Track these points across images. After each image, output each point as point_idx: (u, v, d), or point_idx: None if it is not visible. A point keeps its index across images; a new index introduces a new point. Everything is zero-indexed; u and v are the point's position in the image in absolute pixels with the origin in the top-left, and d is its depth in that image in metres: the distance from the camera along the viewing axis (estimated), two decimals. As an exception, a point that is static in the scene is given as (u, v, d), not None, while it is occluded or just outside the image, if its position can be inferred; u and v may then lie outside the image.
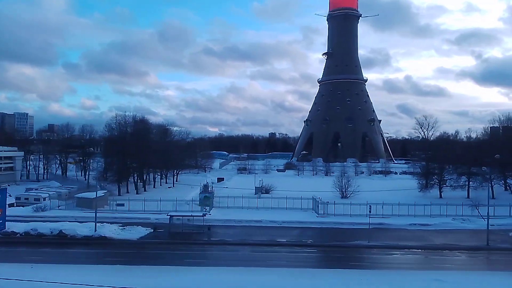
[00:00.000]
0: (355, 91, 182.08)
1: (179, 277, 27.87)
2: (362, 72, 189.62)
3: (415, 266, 34.34)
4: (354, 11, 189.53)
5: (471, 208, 54.08)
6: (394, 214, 54.36)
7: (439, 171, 75.61)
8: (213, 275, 28.80)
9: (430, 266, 34.02)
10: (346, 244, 41.57)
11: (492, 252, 40.20)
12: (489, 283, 27.66)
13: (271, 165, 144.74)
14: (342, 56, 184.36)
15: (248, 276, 28.09)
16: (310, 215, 55.19)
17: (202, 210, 55.99)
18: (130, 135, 79.26)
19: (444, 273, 30.30)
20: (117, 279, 26.68)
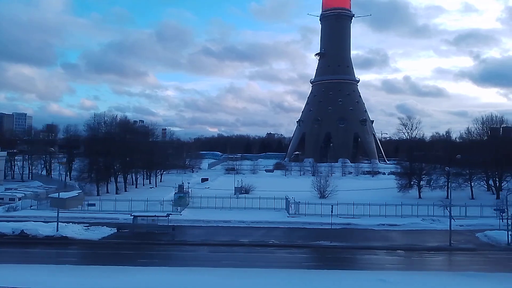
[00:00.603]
0: (347, 91, 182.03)
1: (121, 277, 27.84)
2: (355, 72, 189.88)
3: (367, 266, 34.23)
4: (347, 11, 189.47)
5: (443, 208, 53.99)
6: (366, 214, 54.41)
7: (418, 172, 75.62)
8: (153, 275, 28.74)
9: (381, 266, 33.98)
10: (308, 244, 41.53)
11: (452, 252, 40.18)
12: (431, 283, 27.58)
13: (260, 165, 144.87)
14: (334, 56, 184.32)
15: (189, 276, 28.08)
16: (281, 215, 55.14)
17: (174, 211, 56.27)
18: (109, 135, 79.29)
19: (390, 273, 30.32)
20: (59, 279, 26.88)
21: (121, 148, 76.94)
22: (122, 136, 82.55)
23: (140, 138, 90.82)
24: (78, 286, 25.25)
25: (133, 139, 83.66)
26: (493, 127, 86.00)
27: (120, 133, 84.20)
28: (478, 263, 36.17)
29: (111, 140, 75.82)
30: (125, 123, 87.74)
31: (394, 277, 28.77)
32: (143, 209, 53.93)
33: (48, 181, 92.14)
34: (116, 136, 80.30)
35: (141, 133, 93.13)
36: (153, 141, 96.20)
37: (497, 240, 43.63)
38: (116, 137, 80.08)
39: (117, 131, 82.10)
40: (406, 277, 29.16)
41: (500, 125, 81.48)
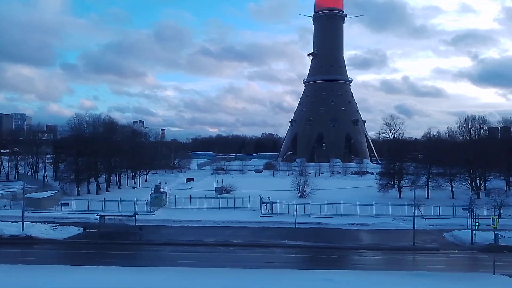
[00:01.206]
0: (339, 91, 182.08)
1: (72, 276, 27.94)
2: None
3: (323, 265, 34.26)
4: (339, 11, 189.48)
5: (415, 208, 54.07)
6: (339, 214, 54.60)
7: (398, 171, 75.77)
8: (107, 274, 28.88)
9: (337, 266, 34.12)
10: (272, 243, 41.69)
11: (413, 252, 40.34)
12: (376, 281, 27.69)
13: (251, 165, 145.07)
14: (327, 56, 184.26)
15: (140, 276, 28.20)
16: (254, 215, 55.24)
17: (148, 211, 56.50)
18: (91, 135, 79.52)
19: (340, 272, 30.49)
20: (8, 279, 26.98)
21: (103, 148, 77.14)
22: (105, 136, 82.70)
23: (125, 138, 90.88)
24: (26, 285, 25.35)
25: (116, 139, 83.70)
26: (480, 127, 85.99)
27: (104, 133, 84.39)
28: (436, 263, 36.35)
29: (91, 140, 75.92)
30: (109, 123, 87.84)
31: (341, 277, 28.89)
32: (116, 209, 54.04)
33: (32, 182, 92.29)
34: (98, 136, 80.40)
35: (126, 133, 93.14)
36: (138, 141, 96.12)
37: (462, 239, 43.77)
38: (99, 137, 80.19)
39: (100, 131, 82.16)
40: (354, 276, 29.28)
41: (483, 125, 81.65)
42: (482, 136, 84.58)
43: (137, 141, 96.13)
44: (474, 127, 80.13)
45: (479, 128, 79.69)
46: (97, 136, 78.73)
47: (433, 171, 76.16)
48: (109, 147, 78.16)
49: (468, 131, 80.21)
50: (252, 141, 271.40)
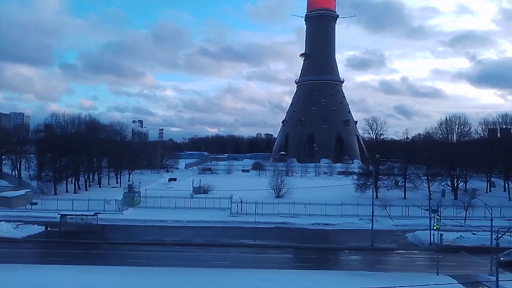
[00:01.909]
0: (330, 92, 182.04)
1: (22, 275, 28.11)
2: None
3: (274, 265, 34.24)
4: (331, 12, 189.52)
5: (381, 208, 54.34)
6: (307, 213, 54.79)
7: (375, 171, 75.77)
8: (54, 273, 29.04)
9: (287, 265, 34.20)
10: (229, 243, 41.90)
11: (369, 252, 40.42)
12: (314, 281, 27.85)
13: (239, 165, 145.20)
14: (319, 57, 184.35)
15: (86, 275, 28.40)
16: (223, 215, 55.42)
17: (116, 210, 56.70)
18: (72, 134, 79.75)
19: (280, 271, 30.63)
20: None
21: (80, 147, 77.31)
22: (84, 135, 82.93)
23: (107, 138, 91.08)
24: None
25: (96, 139, 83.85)
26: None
27: (83, 132, 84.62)
28: (386, 263, 36.63)
29: (68, 139, 76.11)
30: (89, 122, 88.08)
31: (281, 276, 29.07)
32: (85, 209, 54.22)
33: (14, 181, 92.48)
34: (76, 135, 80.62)
35: (109, 133, 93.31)
36: (121, 141, 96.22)
37: (421, 240, 43.95)
38: (77, 136, 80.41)
39: (79, 131, 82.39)
40: (294, 275, 29.44)
41: (465, 126, 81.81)
42: (463, 136, 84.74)
43: (120, 141, 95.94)
44: (453, 128, 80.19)
45: (459, 128, 79.73)
46: (76, 135, 78.82)
47: (411, 171, 76.34)
48: (87, 146, 78.19)
49: (449, 132, 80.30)
50: (246, 141, 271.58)
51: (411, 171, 76.38)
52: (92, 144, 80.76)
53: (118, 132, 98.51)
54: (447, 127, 79.99)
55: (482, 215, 56.21)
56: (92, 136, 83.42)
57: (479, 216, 56.18)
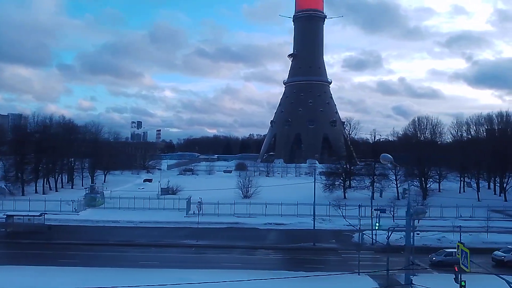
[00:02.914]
0: (317, 92, 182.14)
1: None
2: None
3: (198, 265, 34.33)
4: (319, 12, 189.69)
5: (335, 208, 54.43)
6: (263, 213, 54.91)
7: (343, 172, 75.99)
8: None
9: (215, 265, 34.21)
10: (171, 243, 42.07)
11: (307, 251, 40.49)
12: (228, 280, 27.90)
13: (223, 166, 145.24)
14: (306, 57, 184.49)
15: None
16: (179, 215, 55.43)
17: (73, 211, 56.83)
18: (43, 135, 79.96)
19: (198, 271, 30.79)
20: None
21: (53, 148, 77.53)
22: (57, 136, 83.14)
23: (82, 139, 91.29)
24: None
25: (67, 139, 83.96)
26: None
27: (58, 133, 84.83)
28: (316, 263, 36.61)
29: (38, 140, 76.35)
30: (62, 124, 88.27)
31: (199, 276, 29.09)
32: (42, 209, 54.30)
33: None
34: (49, 136, 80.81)
35: (82, 134, 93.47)
36: (94, 142, 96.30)
37: (365, 240, 43.90)
38: (50, 137, 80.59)
39: (52, 131, 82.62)
40: (209, 275, 29.46)
41: (437, 127, 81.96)
42: (435, 136, 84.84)
43: (93, 142, 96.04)
44: (422, 128, 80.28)
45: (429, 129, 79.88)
46: (46, 136, 78.99)
47: (380, 172, 76.41)
48: (58, 147, 78.38)
49: (417, 131, 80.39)
50: (238, 142, 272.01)
51: (380, 171, 76.35)
52: (63, 145, 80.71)
53: (94, 133, 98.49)
54: (415, 127, 79.99)
55: (438, 215, 56.72)
56: (64, 137, 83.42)
57: (436, 216, 56.53)
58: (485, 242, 41.80)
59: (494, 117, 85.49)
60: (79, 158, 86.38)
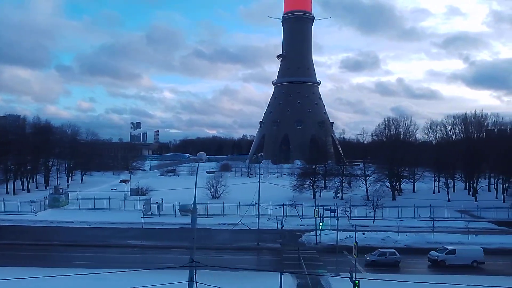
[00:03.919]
0: (306, 93, 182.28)
1: None
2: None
3: (132, 265, 34.28)
4: (307, 13, 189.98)
5: (291, 208, 54.48)
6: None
7: (312, 172, 76.07)
8: None
9: (144, 265, 34.13)
10: (115, 243, 42.15)
11: (251, 251, 40.50)
12: (142, 279, 27.88)
13: (207, 167, 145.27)
14: (295, 58, 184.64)
15: None
16: (135, 216, 55.16)
17: (31, 211, 56.96)
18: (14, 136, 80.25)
19: (125, 272, 30.56)
20: None
21: (25, 149, 77.82)
22: (33, 137, 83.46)
23: (56, 140, 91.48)
24: None
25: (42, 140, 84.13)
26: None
27: (33, 134, 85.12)
28: (251, 262, 36.58)
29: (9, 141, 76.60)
30: (37, 125, 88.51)
31: (119, 276, 29.03)
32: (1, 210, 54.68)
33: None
34: (22, 137, 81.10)
35: (58, 135, 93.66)
36: (71, 143, 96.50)
37: (310, 240, 44.04)
38: (23, 139, 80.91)
39: (25, 132, 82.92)
40: (130, 276, 29.35)
41: (398, 128, 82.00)
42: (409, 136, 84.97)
43: (72, 142, 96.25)
44: (393, 128, 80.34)
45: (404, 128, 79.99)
46: (18, 137, 79.28)
47: (348, 171, 76.50)
48: (31, 148, 78.67)
49: (390, 132, 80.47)
50: (230, 143, 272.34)
51: (349, 171, 76.45)
52: (37, 146, 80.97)
53: (70, 134, 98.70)
54: (386, 127, 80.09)
55: (396, 215, 56.75)
56: (37, 138, 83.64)
57: (394, 216, 56.55)
58: (429, 242, 41.77)
59: (467, 117, 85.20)
60: (55, 159, 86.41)
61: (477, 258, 35.44)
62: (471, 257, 35.49)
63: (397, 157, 74.58)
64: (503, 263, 37.47)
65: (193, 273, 14.39)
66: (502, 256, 39.72)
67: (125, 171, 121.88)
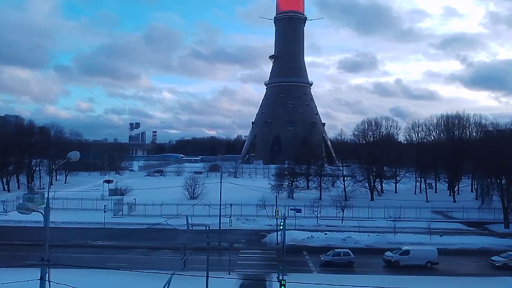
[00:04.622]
0: (297, 94, 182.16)
1: None
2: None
3: (83, 265, 34.34)
4: (300, 14, 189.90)
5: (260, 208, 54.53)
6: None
7: (290, 172, 76.14)
8: None
9: (96, 265, 34.10)
10: (76, 243, 41.91)
11: (197, 251, 40.20)
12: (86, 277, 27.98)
13: (196, 167, 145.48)
14: (287, 59, 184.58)
15: None
16: (107, 216, 55.30)
17: (2, 211, 57.09)
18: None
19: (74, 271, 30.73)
20: None
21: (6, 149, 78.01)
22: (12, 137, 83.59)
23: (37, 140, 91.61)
24: None
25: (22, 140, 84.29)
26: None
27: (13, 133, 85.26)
28: (203, 262, 36.43)
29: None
30: (17, 125, 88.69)
31: (61, 274, 29.04)
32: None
33: None
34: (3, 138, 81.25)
35: (40, 135, 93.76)
36: (55, 143, 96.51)
37: (272, 240, 44.06)
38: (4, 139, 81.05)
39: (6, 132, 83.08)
40: (71, 275, 29.39)
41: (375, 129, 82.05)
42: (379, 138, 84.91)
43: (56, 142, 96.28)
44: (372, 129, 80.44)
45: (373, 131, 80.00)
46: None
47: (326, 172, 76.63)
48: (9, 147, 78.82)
49: (365, 134, 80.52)
50: (225, 143, 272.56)
51: (326, 172, 76.52)
52: (18, 145, 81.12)
53: (53, 134, 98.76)
54: (365, 128, 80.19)
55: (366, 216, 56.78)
56: (17, 137, 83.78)
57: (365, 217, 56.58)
58: (390, 242, 41.71)
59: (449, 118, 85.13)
60: (38, 159, 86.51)
61: (431, 259, 35.40)
62: (425, 258, 35.45)
63: (375, 158, 74.61)
64: (458, 263, 37.50)
65: (45, 271, 14.29)
66: (460, 256, 39.79)
67: (112, 172, 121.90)
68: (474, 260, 38.61)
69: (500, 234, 50.02)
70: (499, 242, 44.07)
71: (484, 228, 54.16)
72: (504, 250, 39.45)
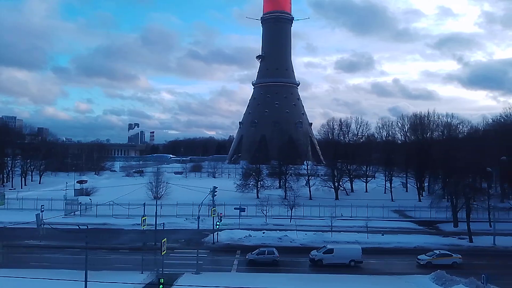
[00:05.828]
0: (284, 94, 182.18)
1: None
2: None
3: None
4: (286, 14, 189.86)
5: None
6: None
7: (256, 172, 76.33)
8: None
9: (19, 264, 34.56)
10: (14, 243, 42.26)
11: (137, 251, 40.75)
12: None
13: (177, 167, 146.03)
14: (274, 59, 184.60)
15: None
16: (60, 216, 55.73)
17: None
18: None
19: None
20: None
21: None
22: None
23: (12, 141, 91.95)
24: None
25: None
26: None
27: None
28: (129, 262, 36.77)
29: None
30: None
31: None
32: None
33: None
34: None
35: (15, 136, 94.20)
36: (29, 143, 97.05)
37: (210, 239, 44.26)
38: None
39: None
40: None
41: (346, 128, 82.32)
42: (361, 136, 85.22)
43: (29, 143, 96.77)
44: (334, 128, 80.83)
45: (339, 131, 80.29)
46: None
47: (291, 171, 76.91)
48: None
49: (332, 133, 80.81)
50: (215, 143, 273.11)
51: (291, 171, 76.76)
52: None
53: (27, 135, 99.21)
54: (329, 127, 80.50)
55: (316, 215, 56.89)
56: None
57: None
58: (326, 241, 41.77)
59: (417, 117, 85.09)
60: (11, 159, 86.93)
61: (355, 258, 35.56)
62: (349, 257, 35.60)
63: (339, 157, 74.88)
64: (386, 262, 37.66)
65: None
66: (392, 255, 39.99)
67: (91, 172, 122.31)
68: (405, 259, 38.72)
69: (447, 233, 50.23)
70: (437, 241, 44.30)
71: (435, 227, 54.33)
72: (438, 248, 39.62)
